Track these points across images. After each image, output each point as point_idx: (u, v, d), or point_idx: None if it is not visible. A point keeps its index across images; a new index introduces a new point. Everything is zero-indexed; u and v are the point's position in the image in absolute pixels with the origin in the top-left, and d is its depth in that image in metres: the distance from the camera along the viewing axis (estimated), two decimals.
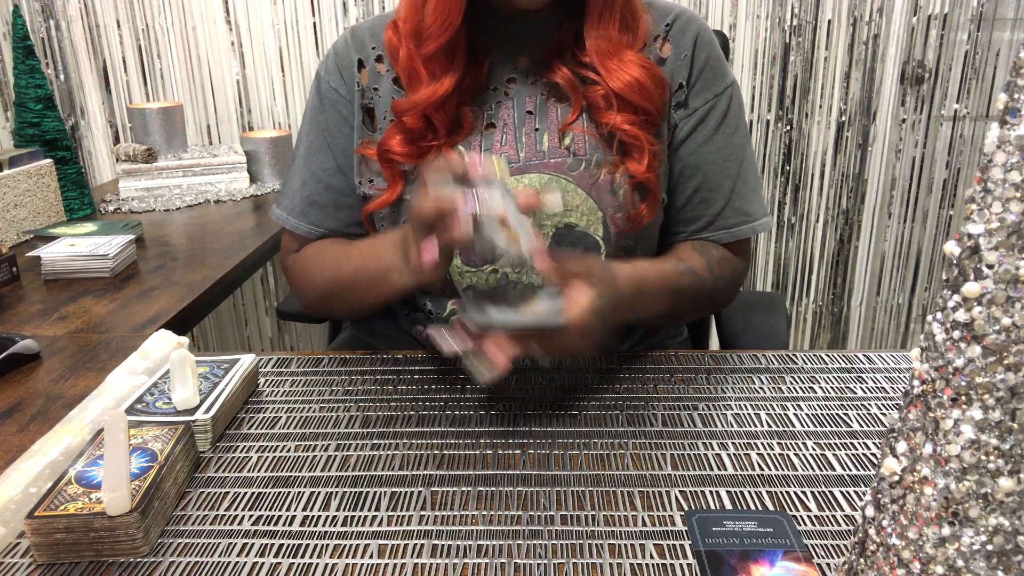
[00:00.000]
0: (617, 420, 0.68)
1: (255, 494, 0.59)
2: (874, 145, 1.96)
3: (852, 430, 0.67)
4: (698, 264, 0.84)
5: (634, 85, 0.80)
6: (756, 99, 1.93)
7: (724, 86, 0.86)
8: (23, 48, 1.40)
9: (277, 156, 1.71)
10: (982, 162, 0.34)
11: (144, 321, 0.94)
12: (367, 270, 0.81)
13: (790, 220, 2.04)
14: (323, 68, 0.90)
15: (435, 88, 0.80)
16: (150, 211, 1.51)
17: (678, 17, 0.86)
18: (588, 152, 0.83)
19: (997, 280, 0.33)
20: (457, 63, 0.80)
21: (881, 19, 1.86)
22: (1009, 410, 0.34)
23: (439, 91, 0.80)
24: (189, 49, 1.92)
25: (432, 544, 0.53)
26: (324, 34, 1.90)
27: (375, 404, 0.72)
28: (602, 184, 0.82)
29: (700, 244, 0.88)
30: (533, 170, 0.83)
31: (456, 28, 0.77)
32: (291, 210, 0.91)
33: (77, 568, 0.51)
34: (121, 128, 1.97)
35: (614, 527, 0.54)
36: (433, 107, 0.80)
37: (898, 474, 0.38)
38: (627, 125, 0.81)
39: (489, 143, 0.84)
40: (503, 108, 0.85)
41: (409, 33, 0.81)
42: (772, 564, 0.50)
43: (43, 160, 1.38)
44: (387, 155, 0.83)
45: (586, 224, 0.83)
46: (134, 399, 0.68)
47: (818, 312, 2.13)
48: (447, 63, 0.80)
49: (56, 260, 1.10)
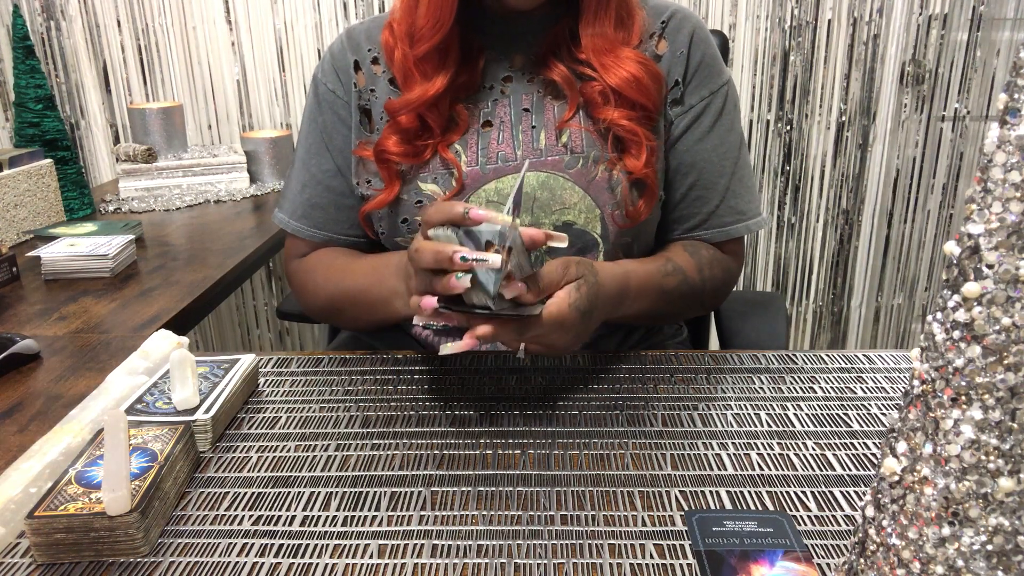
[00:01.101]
0: (617, 420, 0.68)
1: (255, 494, 0.59)
2: (874, 145, 1.96)
3: (852, 430, 0.67)
4: (687, 265, 0.84)
5: (631, 81, 0.80)
6: (756, 99, 1.93)
7: (720, 84, 0.87)
8: (23, 48, 1.40)
9: (277, 156, 1.71)
10: (982, 162, 0.34)
11: (144, 321, 0.94)
12: (369, 292, 0.82)
13: (790, 220, 2.04)
14: (320, 71, 0.90)
15: (426, 88, 0.80)
16: (150, 211, 1.51)
17: (674, 15, 0.86)
18: (585, 149, 0.83)
19: (997, 280, 0.33)
20: (450, 63, 0.81)
21: (881, 19, 1.86)
22: (1009, 410, 0.34)
23: (430, 91, 0.80)
24: (189, 49, 1.92)
25: (432, 544, 0.53)
26: (324, 34, 1.90)
27: (375, 404, 0.72)
28: (599, 181, 0.83)
29: (691, 244, 0.88)
30: (530, 168, 0.83)
31: (448, 29, 0.78)
32: (292, 213, 0.92)
33: (77, 568, 0.51)
34: (121, 128, 1.97)
35: (614, 527, 0.54)
36: (425, 106, 0.81)
37: (898, 474, 0.38)
38: (624, 120, 0.81)
39: (486, 141, 0.84)
40: (500, 106, 0.85)
41: (403, 34, 0.81)
42: (772, 564, 0.50)
43: (43, 160, 1.38)
44: (383, 155, 0.83)
45: (584, 222, 0.83)
46: (134, 399, 0.68)
47: (818, 312, 2.13)
48: (439, 63, 0.81)
49: (56, 260, 1.10)
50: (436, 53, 0.80)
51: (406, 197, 0.84)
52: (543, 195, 0.83)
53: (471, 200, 0.83)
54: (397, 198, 0.84)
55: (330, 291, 0.87)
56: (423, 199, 0.84)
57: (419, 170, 0.84)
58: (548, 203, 0.83)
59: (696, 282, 0.85)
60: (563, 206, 0.83)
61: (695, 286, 0.85)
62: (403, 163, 0.84)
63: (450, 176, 0.83)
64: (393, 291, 0.78)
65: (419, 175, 0.84)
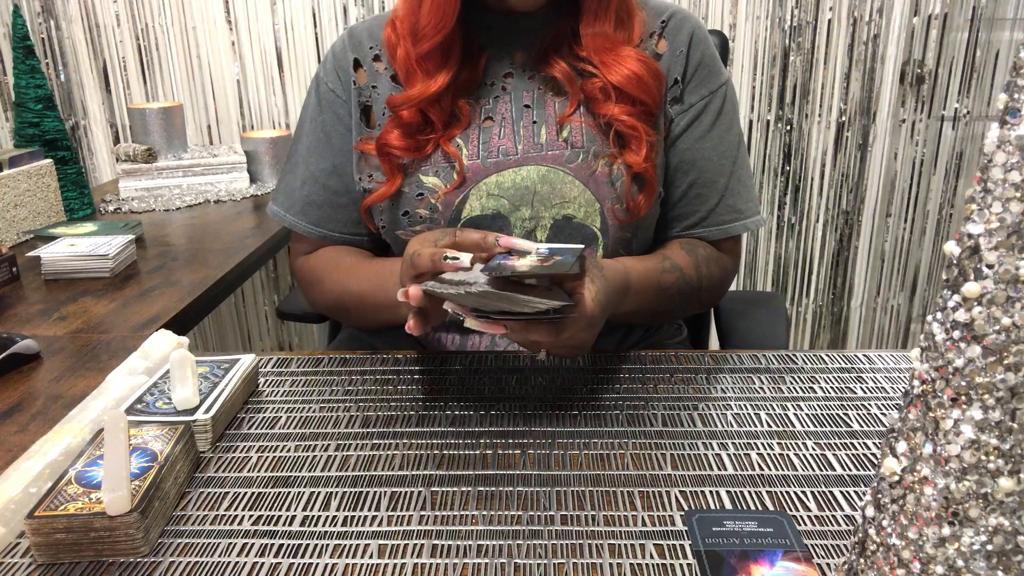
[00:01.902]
0: (617, 420, 0.68)
1: (255, 494, 0.59)
2: (874, 145, 1.96)
3: (852, 430, 0.67)
4: (684, 262, 0.85)
5: (632, 78, 0.81)
6: (756, 99, 1.93)
7: (719, 83, 0.88)
8: (23, 48, 1.40)
9: (277, 156, 1.71)
10: (982, 162, 0.34)
11: (144, 321, 0.94)
12: (375, 296, 0.84)
13: (790, 220, 2.04)
14: (322, 70, 0.91)
15: (428, 84, 0.81)
16: (150, 211, 1.51)
17: (673, 15, 0.88)
18: (585, 144, 0.83)
19: (997, 280, 0.33)
20: (452, 61, 0.82)
21: (881, 19, 1.86)
22: (1009, 410, 0.34)
23: (431, 87, 0.81)
24: (189, 49, 1.92)
25: (432, 544, 0.53)
26: (324, 34, 1.90)
27: (375, 404, 0.72)
28: (600, 176, 0.83)
29: (688, 242, 0.88)
30: (531, 162, 0.84)
31: (451, 28, 0.79)
32: (290, 207, 0.93)
33: (77, 568, 0.51)
34: (121, 128, 1.97)
35: (614, 527, 0.54)
36: (427, 102, 0.82)
37: (898, 474, 0.38)
38: (625, 116, 0.82)
39: (487, 136, 0.85)
40: (501, 103, 0.85)
41: (406, 32, 0.82)
42: (772, 564, 0.50)
43: (43, 160, 1.38)
44: (385, 148, 0.84)
45: (584, 216, 0.84)
46: (134, 399, 0.67)
47: (818, 312, 2.13)
48: (442, 61, 0.82)
49: (56, 260, 1.10)
50: (438, 51, 0.81)
51: (407, 190, 0.85)
52: (543, 189, 0.83)
53: (471, 194, 0.84)
54: (398, 191, 0.85)
55: (337, 292, 0.88)
56: (424, 192, 0.84)
57: (420, 163, 0.85)
58: (548, 197, 0.83)
59: (693, 280, 0.85)
60: (563, 200, 0.83)
61: (692, 283, 0.85)
62: (404, 157, 0.84)
63: (451, 169, 0.84)
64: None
65: (420, 168, 0.85)
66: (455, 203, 0.84)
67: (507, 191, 0.83)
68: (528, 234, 0.85)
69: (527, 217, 0.84)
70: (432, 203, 0.84)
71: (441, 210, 0.84)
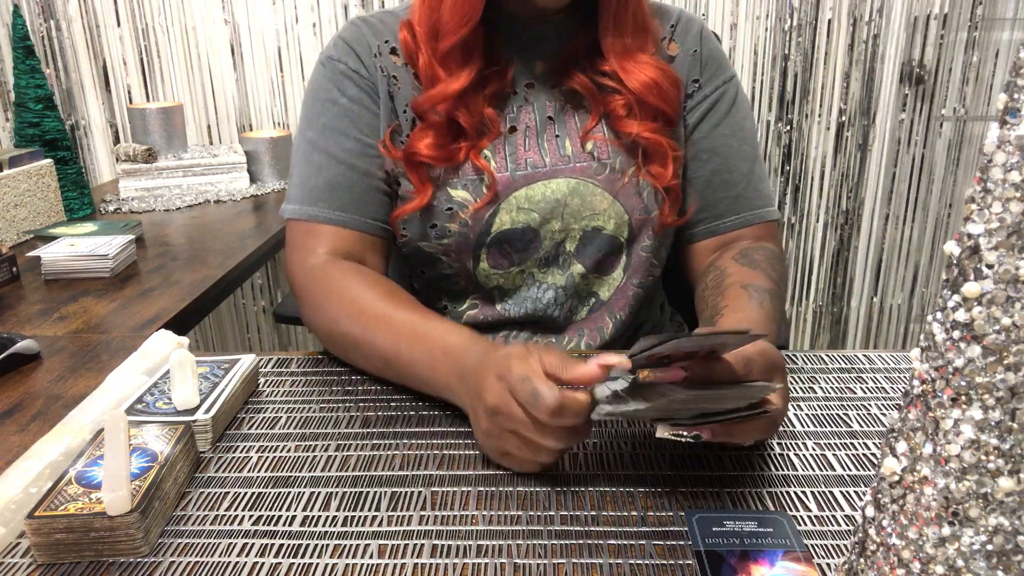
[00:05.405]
0: (617, 420, 0.68)
1: (255, 494, 0.59)
2: (874, 145, 1.96)
3: (852, 430, 0.67)
4: (759, 280, 0.78)
5: (651, 86, 0.82)
6: (756, 99, 1.93)
7: (730, 76, 0.90)
8: (23, 48, 1.40)
9: (277, 156, 1.71)
10: (982, 162, 0.34)
11: (144, 321, 0.94)
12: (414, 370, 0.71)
13: (790, 220, 2.04)
14: (334, 52, 0.85)
15: (450, 82, 0.80)
16: (150, 211, 1.51)
17: (680, 17, 0.90)
18: (611, 156, 0.84)
19: (997, 280, 0.33)
20: (475, 59, 0.81)
21: (881, 19, 1.86)
22: (1009, 410, 0.34)
23: (454, 85, 0.79)
24: (189, 49, 1.92)
25: (432, 544, 0.53)
26: (324, 35, 1.90)
27: (375, 404, 0.72)
28: (627, 187, 0.84)
29: (742, 256, 0.82)
30: (561, 175, 0.83)
31: (474, 25, 0.77)
32: (304, 199, 0.82)
33: (77, 568, 0.51)
34: (121, 128, 1.97)
35: (614, 527, 0.54)
36: (451, 100, 0.80)
37: (898, 474, 0.38)
38: (648, 133, 0.83)
39: (513, 146, 0.84)
40: (524, 112, 0.85)
41: (426, 36, 0.81)
42: (772, 564, 0.50)
43: (43, 160, 1.38)
44: (415, 158, 0.81)
45: (613, 227, 0.85)
46: (134, 399, 0.67)
47: (818, 312, 2.13)
48: (464, 60, 0.80)
49: (56, 260, 1.10)
50: (460, 49, 0.79)
51: (436, 203, 0.83)
52: (574, 202, 0.83)
53: (501, 208, 0.82)
54: (429, 204, 0.82)
55: (355, 334, 0.75)
56: (454, 206, 0.82)
57: (449, 175, 0.82)
58: (579, 210, 0.83)
59: (774, 289, 0.77)
60: (593, 212, 0.84)
61: (779, 294, 0.78)
62: (436, 166, 0.82)
63: (480, 183, 0.82)
64: (447, 387, 0.68)
65: (449, 180, 0.82)
66: (485, 217, 0.83)
67: (537, 204, 0.83)
68: (557, 246, 0.85)
69: (557, 230, 0.84)
70: (463, 218, 0.82)
71: (471, 224, 0.82)
